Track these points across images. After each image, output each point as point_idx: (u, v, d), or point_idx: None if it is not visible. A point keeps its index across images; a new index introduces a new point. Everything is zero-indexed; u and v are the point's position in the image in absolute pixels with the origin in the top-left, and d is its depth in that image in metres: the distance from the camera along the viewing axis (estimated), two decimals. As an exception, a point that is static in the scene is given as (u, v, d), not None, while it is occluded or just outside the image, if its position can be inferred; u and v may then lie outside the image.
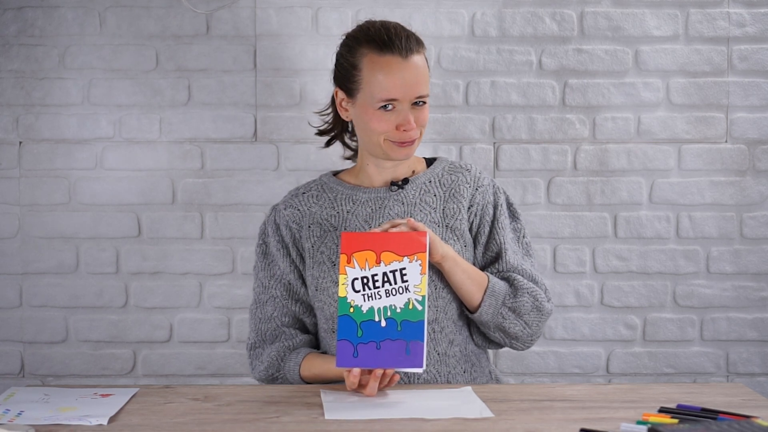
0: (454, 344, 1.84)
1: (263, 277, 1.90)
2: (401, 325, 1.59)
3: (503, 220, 1.88)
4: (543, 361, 2.66)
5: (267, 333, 1.89)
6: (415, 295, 1.60)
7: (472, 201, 1.86)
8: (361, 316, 1.60)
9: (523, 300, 1.80)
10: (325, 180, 1.92)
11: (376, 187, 1.87)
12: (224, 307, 2.62)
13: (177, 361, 2.63)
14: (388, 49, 1.75)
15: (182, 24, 2.57)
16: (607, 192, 2.63)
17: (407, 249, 1.61)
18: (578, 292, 2.65)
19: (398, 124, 1.76)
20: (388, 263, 1.61)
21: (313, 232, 1.85)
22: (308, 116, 2.40)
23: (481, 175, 1.89)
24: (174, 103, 2.58)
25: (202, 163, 2.60)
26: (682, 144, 2.63)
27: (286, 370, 1.84)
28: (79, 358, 2.61)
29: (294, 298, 1.89)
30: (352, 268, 1.62)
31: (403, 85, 1.74)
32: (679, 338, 2.65)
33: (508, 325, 1.80)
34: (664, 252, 2.64)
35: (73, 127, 2.58)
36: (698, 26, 2.62)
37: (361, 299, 1.60)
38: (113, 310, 2.61)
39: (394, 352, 1.58)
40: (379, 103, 1.75)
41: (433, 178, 1.88)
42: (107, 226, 2.60)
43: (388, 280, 1.60)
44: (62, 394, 1.68)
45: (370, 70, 1.76)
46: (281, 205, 1.91)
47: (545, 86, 2.62)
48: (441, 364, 1.82)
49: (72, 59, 2.58)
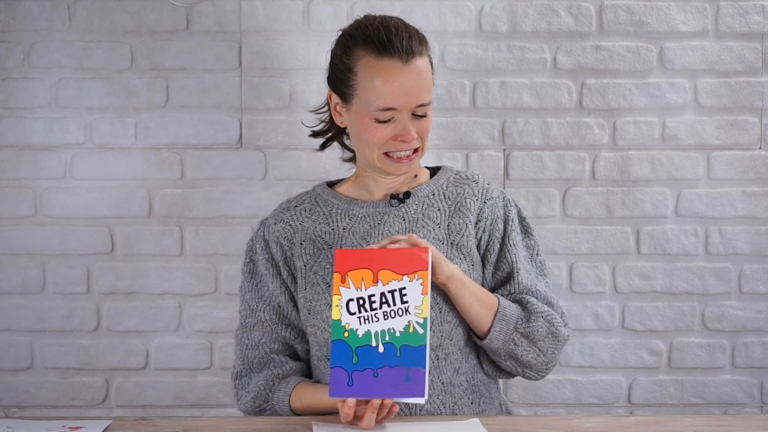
0: (460, 373, 1.79)
1: (250, 299, 1.88)
2: (401, 351, 1.55)
3: (515, 236, 1.84)
4: (558, 390, 2.62)
5: (254, 361, 1.86)
6: (416, 317, 1.56)
7: (480, 215, 1.83)
8: (357, 340, 1.56)
9: (537, 325, 1.76)
10: (320, 192, 1.89)
11: (375, 201, 1.84)
12: (206, 330, 2.59)
13: (154, 391, 2.59)
14: (387, 52, 1.71)
15: (160, 18, 2.55)
16: (628, 204, 2.59)
17: (407, 266, 1.58)
18: (597, 314, 2.61)
19: (396, 134, 1.74)
20: (386, 282, 1.58)
21: (305, 249, 1.82)
22: (299, 120, 2.45)
23: (489, 187, 1.87)
24: (151, 105, 2.56)
25: (181, 171, 2.58)
26: (711, 151, 2.60)
27: (275, 401, 1.80)
28: (45, 387, 2.59)
29: (284, 322, 1.85)
30: (346, 288, 1.59)
31: (403, 93, 1.71)
32: (709, 365, 2.62)
33: (521, 352, 1.76)
34: (692, 270, 2.61)
35: (39, 132, 2.56)
36: (729, 20, 2.58)
37: (357, 322, 1.57)
38: (84, 334, 2.59)
39: (393, 380, 1.54)
40: (375, 112, 1.72)
41: (437, 190, 1.86)
42: (77, 241, 2.57)
43: (386, 301, 1.57)
44: (27, 427, 1.65)
45: (366, 76, 1.73)
46: (271, 219, 1.89)
47: (560, 87, 2.58)
48: (446, 394, 1.78)
49: (38, 57, 2.56)
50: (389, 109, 1.72)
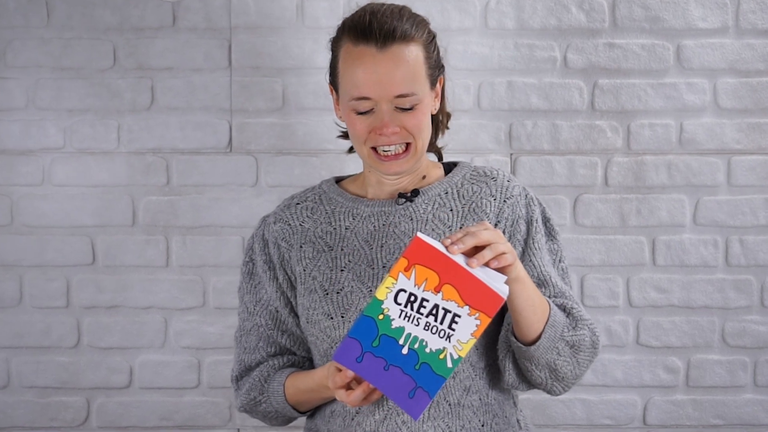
0: (471, 392, 1.75)
1: (248, 301, 1.88)
2: (421, 366, 1.54)
3: (539, 239, 1.81)
4: (569, 410, 2.60)
5: (251, 365, 1.87)
6: (453, 350, 1.54)
7: (500, 216, 1.80)
8: (388, 329, 1.55)
9: (583, 334, 1.73)
10: (325, 188, 1.88)
11: (381, 200, 1.83)
12: (194, 347, 2.59)
13: (138, 411, 2.59)
14: (363, 37, 1.69)
15: (144, 14, 2.55)
16: (643, 212, 2.59)
17: (475, 300, 1.54)
18: (610, 329, 2.59)
19: (374, 126, 1.71)
20: (446, 299, 1.54)
21: (305, 252, 1.81)
22: (292, 122, 2.50)
23: (509, 184, 1.82)
24: (135, 107, 2.56)
25: (167, 177, 2.58)
26: (732, 155, 2.59)
27: (270, 391, 1.82)
28: (23, 407, 2.59)
29: (280, 329, 1.85)
30: (407, 278, 1.54)
31: (377, 82, 1.68)
32: (729, 384, 2.61)
33: (562, 363, 1.73)
34: (711, 282, 2.60)
35: (15, 135, 2.57)
36: (751, 17, 2.56)
37: (398, 314, 1.54)
38: (63, 351, 2.59)
39: (399, 384, 1.54)
40: (351, 102, 1.71)
41: (450, 188, 1.82)
42: (56, 252, 2.57)
43: (435, 314, 1.55)
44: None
45: (344, 63, 1.73)
46: (271, 217, 1.88)
47: (571, 87, 2.58)
48: (453, 417, 1.73)
49: (14, 56, 2.56)
50: (364, 99, 1.70)
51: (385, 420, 1.68)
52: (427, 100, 1.72)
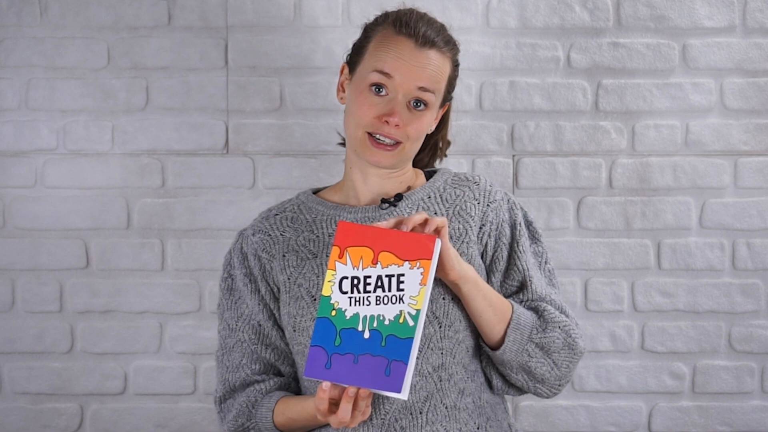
0: (466, 394, 1.77)
1: (229, 318, 1.88)
2: (386, 341, 1.55)
3: (524, 242, 1.84)
4: (572, 417, 2.59)
5: (236, 384, 1.86)
6: (409, 307, 1.56)
7: (484, 219, 1.83)
8: (343, 321, 1.57)
9: (554, 335, 1.76)
10: (303, 199, 1.90)
11: (364, 206, 1.84)
12: (189, 352, 2.58)
13: (132, 418, 2.57)
14: (405, 30, 1.76)
15: (139, 13, 2.54)
16: (648, 215, 2.57)
17: (410, 253, 1.57)
18: (614, 334, 2.58)
19: (383, 112, 1.74)
20: (385, 265, 1.58)
21: (288, 261, 1.82)
22: (290, 123, 2.49)
23: (492, 189, 1.87)
24: (129, 107, 2.55)
25: (162, 179, 2.56)
26: (738, 157, 2.58)
27: (258, 418, 1.81)
28: (15, 414, 2.57)
29: (264, 342, 1.85)
30: (343, 264, 1.59)
31: (405, 67, 1.74)
32: (736, 390, 2.59)
33: (535, 364, 1.76)
34: (718, 287, 2.59)
35: (7, 136, 2.55)
36: (758, 15, 2.55)
37: (347, 302, 1.58)
38: (56, 357, 2.57)
39: (372, 370, 1.55)
40: (371, 74, 1.75)
41: (433, 193, 1.85)
42: (49, 255, 2.56)
43: (381, 285, 1.58)
44: (-5, 458, 1.54)
45: (377, 44, 1.78)
46: (249, 230, 1.89)
47: (574, 87, 2.57)
48: (450, 420, 1.74)
49: (6, 55, 2.54)
50: (386, 75, 1.73)
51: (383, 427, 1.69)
52: (433, 112, 1.77)
